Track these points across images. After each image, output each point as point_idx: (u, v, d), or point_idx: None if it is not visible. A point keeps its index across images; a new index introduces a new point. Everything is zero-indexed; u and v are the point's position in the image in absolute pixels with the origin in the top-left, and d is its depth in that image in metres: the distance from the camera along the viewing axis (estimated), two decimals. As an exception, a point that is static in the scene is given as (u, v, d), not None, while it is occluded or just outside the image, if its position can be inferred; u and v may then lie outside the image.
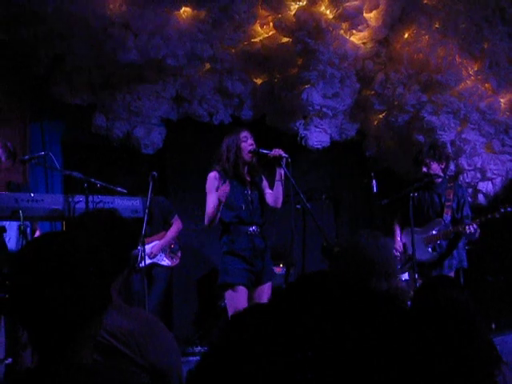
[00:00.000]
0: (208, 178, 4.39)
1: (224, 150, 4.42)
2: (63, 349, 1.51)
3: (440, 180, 5.22)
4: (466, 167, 6.56)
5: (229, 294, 4.27)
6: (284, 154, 4.37)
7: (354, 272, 2.71)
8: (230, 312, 4.26)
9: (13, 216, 3.91)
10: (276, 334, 1.17)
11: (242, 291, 4.25)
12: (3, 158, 4.56)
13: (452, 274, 5.04)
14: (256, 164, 4.49)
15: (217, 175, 4.37)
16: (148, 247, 5.50)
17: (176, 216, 5.83)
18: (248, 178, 4.48)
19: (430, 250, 5.12)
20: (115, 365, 1.90)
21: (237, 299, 4.22)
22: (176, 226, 5.81)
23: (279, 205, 4.53)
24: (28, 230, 4.68)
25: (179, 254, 5.83)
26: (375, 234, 2.90)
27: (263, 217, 4.52)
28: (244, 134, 4.44)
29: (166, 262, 5.71)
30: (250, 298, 4.34)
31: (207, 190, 4.37)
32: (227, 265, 4.28)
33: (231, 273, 4.24)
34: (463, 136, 6.44)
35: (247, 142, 4.41)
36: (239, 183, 4.43)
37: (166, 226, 5.78)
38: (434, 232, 5.14)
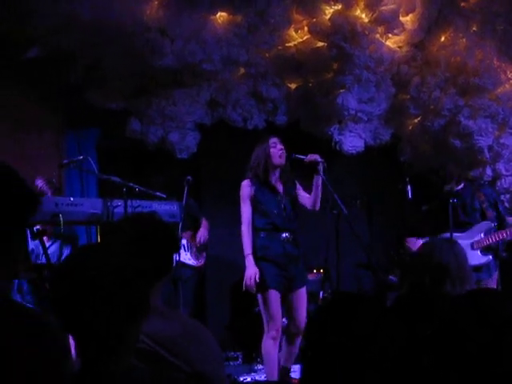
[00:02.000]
0: (241, 186, 4.57)
1: (255, 158, 4.58)
2: (103, 356, 1.52)
3: (462, 185, 5.28)
4: (504, 172, 6.44)
5: (262, 297, 4.43)
6: (320, 159, 4.48)
7: (429, 277, 2.77)
8: (265, 315, 4.43)
9: (53, 220, 3.97)
10: None
11: (275, 295, 4.40)
12: (49, 193, 4.74)
13: (495, 280, 4.99)
14: (288, 169, 4.62)
15: (249, 183, 4.55)
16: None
17: (203, 217, 5.81)
18: (280, 184, 4.59)
19: (479, 253, 5.03)
20: (160, 372, 1.88)
21: (270, 302, 4.39)
22: (206, 224, 5.77)
23: (317, 207, 4.63)
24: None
25: (204, 255, 5.71)
26: (450, 241, 2.97)
27: (296, 223, 4.62)
28: (273, 140, 4.58)
29: (191, 261, 5.55)
30: (285, 303, 4.51)
31: (241, 198, 4.56)
32: (261, 269, 4.40)
33: (265, 277, 4.38)
34: (501, 141, 6.31)
35: (276, 148, 4.53)
36: (271, 190, 4.56)
37: (192, 227, 5.66)
38: (482, 235, 5.06)
